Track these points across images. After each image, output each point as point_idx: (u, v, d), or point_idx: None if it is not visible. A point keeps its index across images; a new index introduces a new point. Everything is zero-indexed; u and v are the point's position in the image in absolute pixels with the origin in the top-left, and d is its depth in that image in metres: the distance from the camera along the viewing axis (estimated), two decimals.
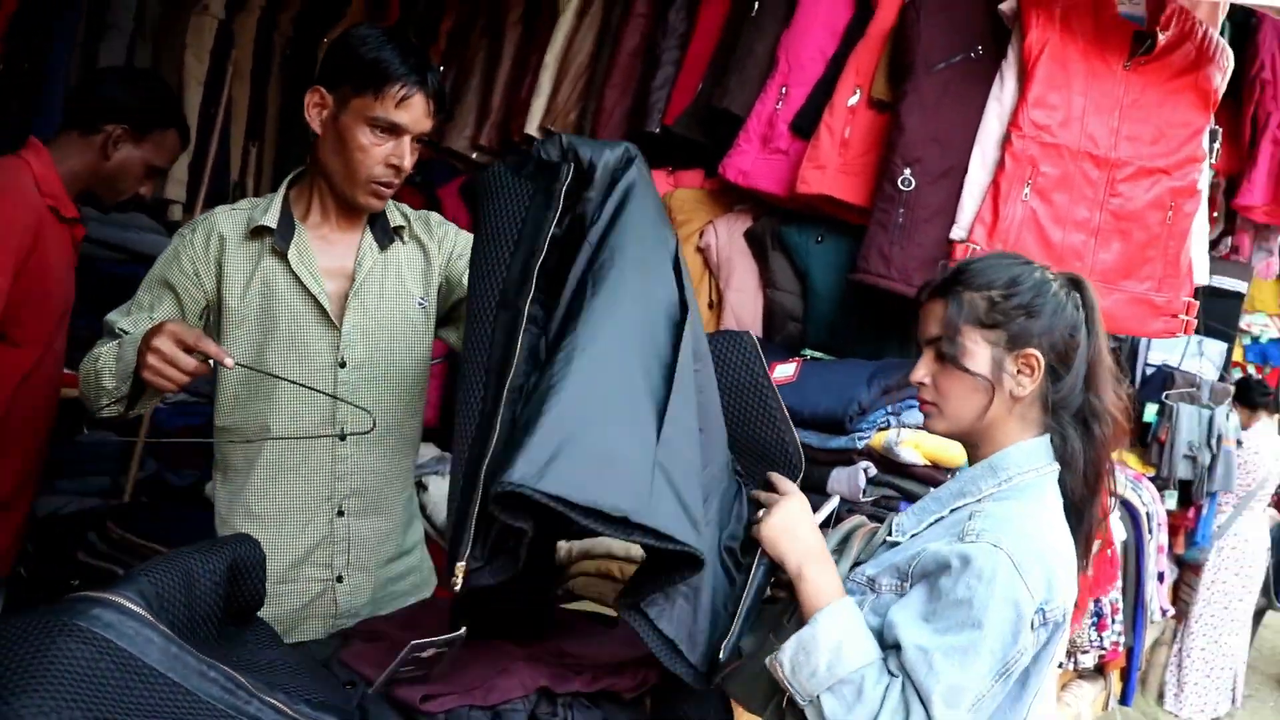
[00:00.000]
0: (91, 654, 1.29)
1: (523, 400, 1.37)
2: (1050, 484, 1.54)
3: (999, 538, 1.42)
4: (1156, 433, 5.07)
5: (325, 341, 2.04)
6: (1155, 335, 2.61)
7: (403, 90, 1.90)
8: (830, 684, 1.43)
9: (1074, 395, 1.53)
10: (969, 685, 1.39)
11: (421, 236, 2.20)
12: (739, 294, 2.97)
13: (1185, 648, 5.89)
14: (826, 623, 1.46)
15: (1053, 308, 1.52)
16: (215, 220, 2.02)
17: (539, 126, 3.46)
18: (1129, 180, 2.50)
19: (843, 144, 2.70)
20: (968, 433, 1.59)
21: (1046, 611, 1.42)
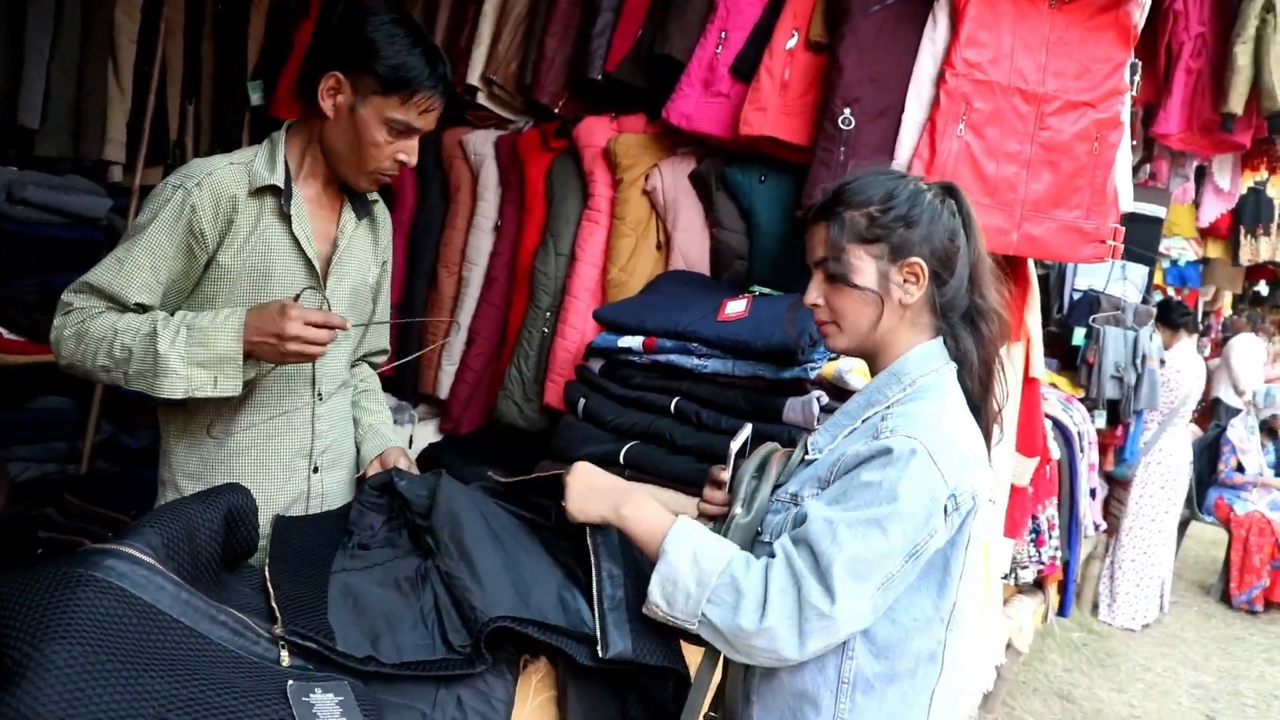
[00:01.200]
0: (109, 602, 1.34)
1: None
2: (950, 381, 1.63)
3: (911, 430, 1.50)
4: (1085, 355, 5.25)
5: (312, 303, 2.07)
6: (1085, 260, 2.73)
7: (429, 100, 1.97)
8: (705, 596, 1.49)
9: (959, 297, 1.62)
10: (875, 560, 1.45)
11: (379, 221, 2.31)
12: (686, 234, 3.04)
13: (1116, 560, 6.17)
14: (673, 546, 1.54)
15: (930, 215, 1.60)
16: (220, 176, 1.98)
17: (480, 76, 3.49)
18: (1056, 114, 2.61)
19: (783, 86, 2.78)
20: (866, 345, 1.67)
21: (958, 496, 1.51)
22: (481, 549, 1.74)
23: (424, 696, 1.56)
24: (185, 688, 1.32)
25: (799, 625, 1.45)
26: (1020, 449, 2.94)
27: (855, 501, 1.48)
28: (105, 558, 1.41)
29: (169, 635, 1.40)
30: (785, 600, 1.45)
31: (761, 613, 1.45)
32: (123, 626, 1.34)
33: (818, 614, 1.44)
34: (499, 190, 3.49)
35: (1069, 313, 5.44)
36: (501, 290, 3.43)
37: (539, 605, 1.67)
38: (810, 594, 1.44)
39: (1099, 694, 5.07)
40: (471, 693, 1.61)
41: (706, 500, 1.84)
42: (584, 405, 2.81)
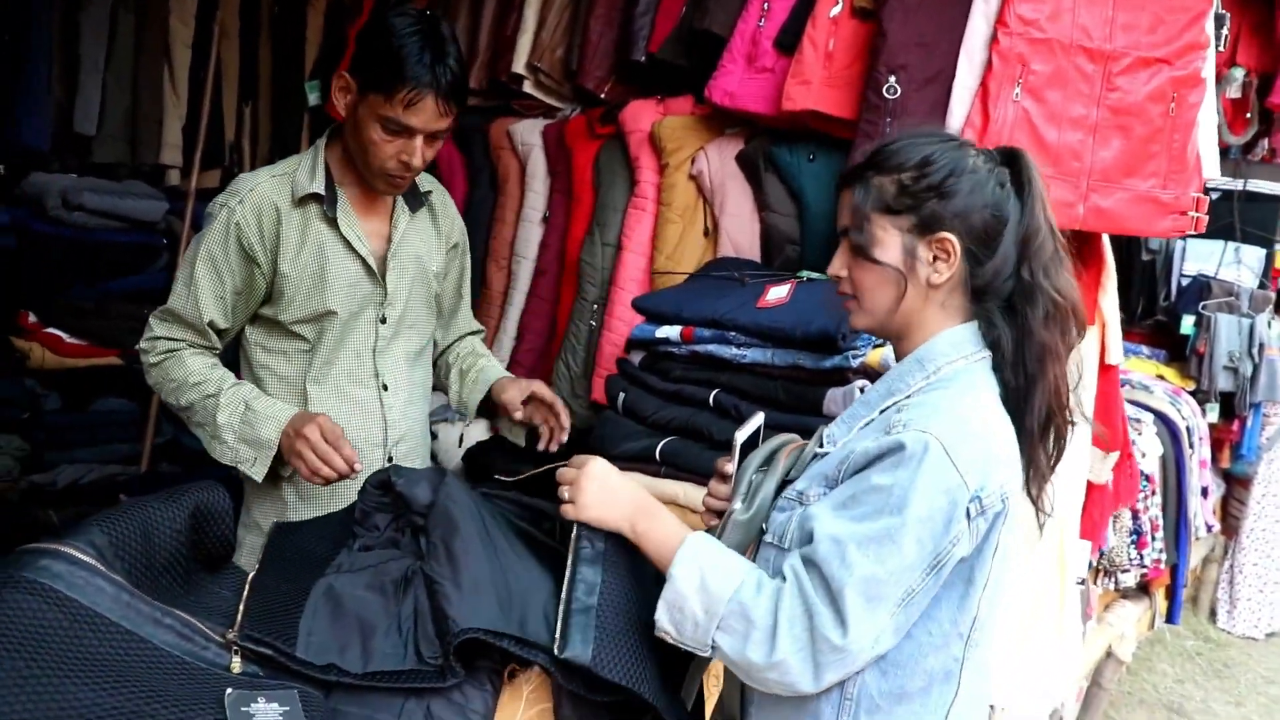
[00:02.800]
0: (38, 605, 1.29)
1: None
2: (982, 371, 1.45)
3: (927, 424, 1.34)
4: (1195, 345, 4.95)
5: (372, 300, 2.18)
6: (1164, 234, 2.50)
7: (412, 94, 1.91)
8: (715, 624, 1.35)
9: (1002, 279, 1.44)
10: (891, 578, 1.30)
11: (438, 209, 2.33)
12: (734, 219, 2.90)
13: (1237, 563, 5.78)
14: (681, 568, 1.39)
15: (969, 186, 1.42)
16: (262, 190, 2.08)
17: (526, 64, 3.40)
18: (1127, 72, 2.38)
19: (827, 56, 2.61)
20: (888, 325, 1.51)
21: (983, 499, 1.34)
22: (470, 555, 1.63)
23: (388, 707, 1.46)
24: (112, 696, 1.25)
25: (812, 658, 1.31)
26: (1097, 443, 2.71)
27: (863, 510, 1.32)
28: (40, 558, 1.35)
29: (103, 639, 1.33)
30: (796, 631, 1.31)
31: (771, 645, 1.31)
32: (50, 631, 1.28)
33: (830, 646, 1.30)
34: (547, 180, 3.40)
35: (1177, 299, 5.12)
36: (551, 283, 3.34)
37: (522, 617, 1.54)
38: (822, 624, 1.30)
39: (1214, 707, 4.73)
40: (444, 704, 1.50)
41: (711, 494, 1.71)
42: (624, 400, 2.68)
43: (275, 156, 4.26)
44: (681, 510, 2.39)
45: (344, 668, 1.47)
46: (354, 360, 2.18)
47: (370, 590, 1.64)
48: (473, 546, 1.63)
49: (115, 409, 3.73)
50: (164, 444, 3.85)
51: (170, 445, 3.86)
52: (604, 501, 1.52)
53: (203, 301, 2.07)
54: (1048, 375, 1.45)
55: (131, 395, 3.78)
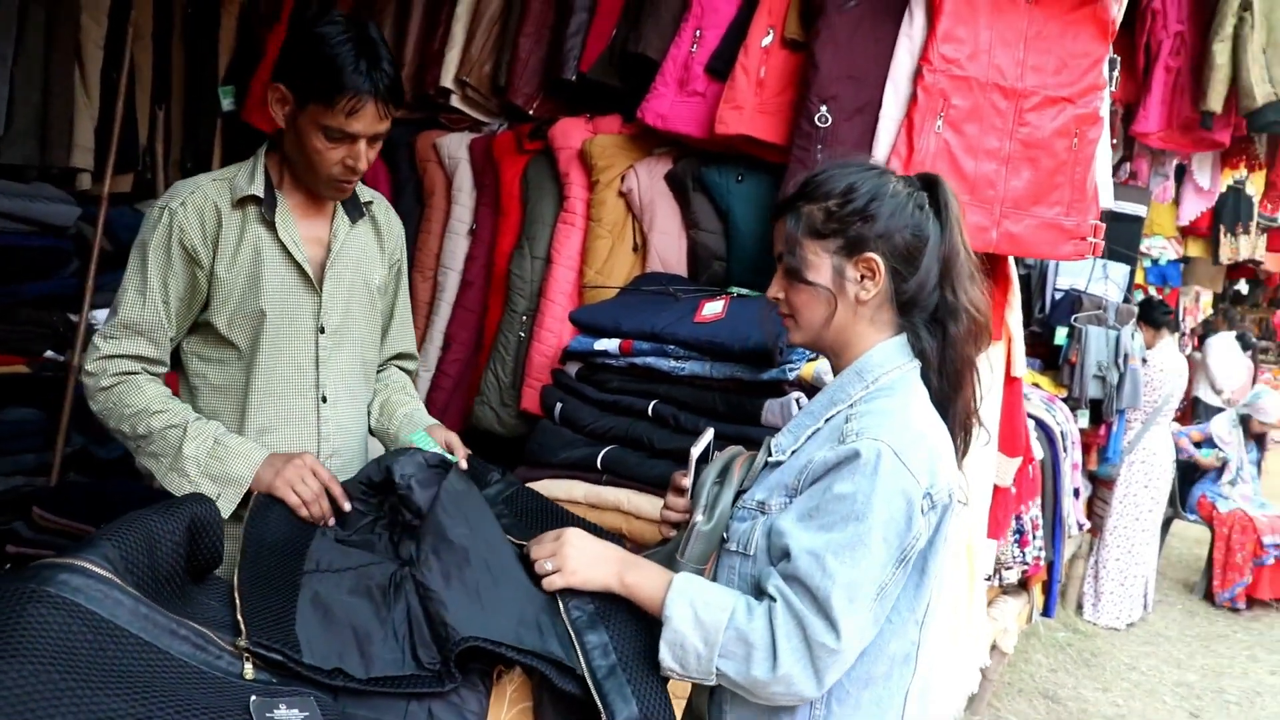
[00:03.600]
0: (63, 618, 1.30)
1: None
2: (914, 378, 1.59)
3: (878, 431, 1.46)
4: (1067, 354, 5.24)
5: (308, 308, 2.14)
6: (1066, 258, 2.70)
7: (352, 101, 1.93)
8: (715, 653, 1.45)
9: (925, 294, 1.57)
10: (867, 578, 1.42)
11: (380, 221, 2.32)
12: (663, 236, 3.00)
13: (1100, 559, 6.16)
14: (674, 607, 1.49)
15: (890, 210, 1.55)
16: (204, 192, 2.05)
17: (454, 78, 3.44)
18: (1035, 109, 2.58)
19: (759, 84, 2.74)
20: (823, 340, 1.63)
21: (933, 495, 1.47)
22: (462, 565, 1.70)
23: (393, 710, 1.52)
24: (142, 706, 1.27)
25: (812, 665, 1.42)
26: (1002, 449, 2.91)
27: (830, 519, 1.44)
28: (59, 572, 1.36)
29: (126, 651, 1.35)
30: (793, 643, 1.42)
31: (773, 661, 1.42)
32: (77, 643, 1.29)
33: (827, 650, 1.41)
34: (474, 193, 3.44)
35: (1051, 312, 5.43)
36: (477, 295, 3.38)
37: (514, 627, 1.62)
38: (815, 632, 1.41)
39: (1084, 694, 5.05)
40: (443, 705, 1.56)
41: (669, 507, 1.80)
42: (560, 410, 2.77)
43: (188, 161, 4.19)
44: (625, 516, 2.49)
45: (349, 673, 1.52)
46: (294, 370, 2.15)
47: (356, 596, 1.69)
48: (464, 558, 1.70)
49: (22, 419, 3.58)
50: (73, 454, 3.73)
51: (80, 455, 3.74)
52: (589, 564, 1.60)
53: (159, 307, 2.03)
54: (967, 381, 1.62)
55: (40, 404, 3.66)
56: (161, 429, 1.99)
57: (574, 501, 2.58)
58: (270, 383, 2.12)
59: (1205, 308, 11.36)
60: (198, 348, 2.15)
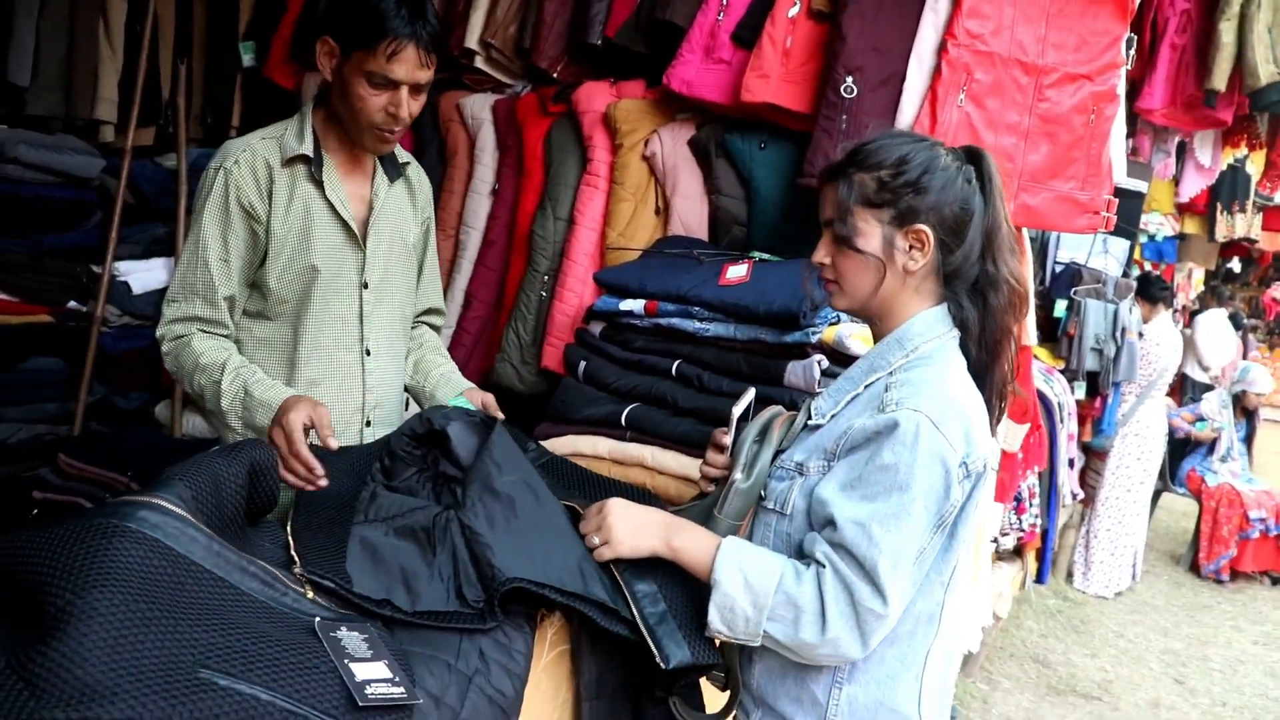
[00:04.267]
0: (144, 552, 1.36)
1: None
2: (953, 348, 1.64)
3: (917, 402, 1.52)
4: (1066, 327, 5.28)
5: (352, 263, 2.23)
6: (1080, 231, 2.78)
7: (393, 45, 1.99)
8: (764, 616, 1.52)
9: (969, 266, 1.62)
10: (910, 544, 1.49)
11: (414, 182, 2.40)
12: (685, 200, 3.06)
13: (1092, 529, 6.27)
14: (723, 571, 1.55)
15: (941, 183, 1.59)
16: (256, 150, 2.12)
17: (478, 40, 3.48)
18: (1055, 86, 2.65)
19: (785, 54, 2.80)
20: (868, 307, 1.68)
21: (969, 464, 1.53)
22: (507, 512, 1.77)
23: (448, 647, 1.59)
24: (221, 636, 1.34)
25: (859, 628, 1.49)
26: (1011, 415, 3.00)
27: (874, 489, 1.50)
28: (139, 509, 1.42)
29: (202, 585, 1.42)
30: (841, 607, 1.48)
31: (822, 624, 1.49)
32: (159, 577, 1.35)
33: (874, 615, 1.48)
34: (496, 154, 3.49)
35: (1051, 285, 5.49)
36: (499, 254, 3.45)
37: (557, 572, 1.69)
38: (863, 597, 1.47)
39: (1073, 659, 5.18)
40: (493, 644, 1.64)
41: (708, 463, 1.86)
42: (584, 368, 2.84)
43: (208, 116, 4.23)
44: (649, 472, 2.57)
45: (396, 605, 1.60)
46: (340, 325, 2.23)
47: (403, 538, 1.76)
48: (510, 503, 1.78)
49: (45, 368, 3.65)
50: (95, 403, 3.79)
51: (102, 405, 3.81)
52: (636, 532, 1.66)
53: (214, 269, 2.10)
54: (1005, 351, 1.68)
55: (63, 354, 3.72)
56: (208, 384, 2.08)
57: (598, 457, 2.65)
58: (318, 337, 2.20)
59: (1197, 284, 11.47)
60: (247, 304, 2.22)
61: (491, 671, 1.61)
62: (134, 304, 3.82)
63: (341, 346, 2.24)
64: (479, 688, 1.57)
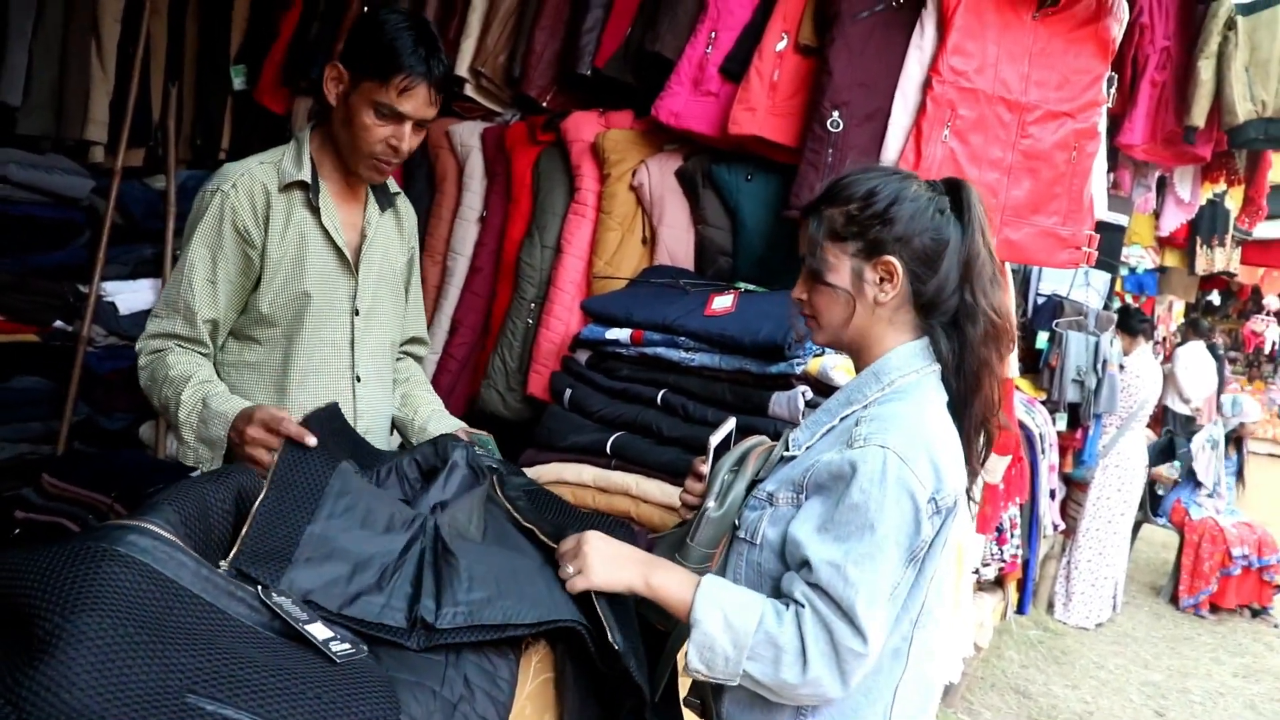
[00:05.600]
0: (134, 577, 1.35)
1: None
2: (932, 383, 1.63)
3: (885, 438, 1.50)
4: (1048, 359, 5.32)
5: (344, 290, 2.24)
6: (1061, 265, 2.82)
7: (406, 81, 2.03)
8: (744, 655, 1.50)
9: (945, 297, 1.61)
10: (884, 582, 1.49)
11: (402, 213, 2.44)
12: (671, 230, 3.09)
13: (1073, 560, 6.29)
14: (703, 611, 1.53)
15: (910, 213, 1.59)
16: (255, 174, 2.14)
17: (469, 68, 3.51)
18: (1038, 123, 2.69)
19: (772, 87, 2.83)
20: (844, 341, 1.68)
21: (938, 500, 1.52)
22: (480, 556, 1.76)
23: (433, 674, 1.59)
24: (208, 660, 1.33)
25: (839, 668, 1.48)
26: (994, 447, 3.01)
27: (846, 529, 1.49)
28: (128, 533, 1.42)
29: (190, 610, 1.41)
30: (821, 647, 1.47)
31: (803, 664, 1.48)
32: (147, 601, 1.35)
33: (854, 654, 1.47)
34: (485, 181, 3.52)
35: (1033, 317, 5.53)
36: (486, 280, 3.46)
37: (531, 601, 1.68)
38: (843, 638, 1.47)
39: (1054, 690, 5.19)
40: (478, 671, 1.64)
41: (687, 491, 1.86)
42: (570, 395, 2.85)
43: (198, 138, 4.24)
44: (634, 500, 2.58)
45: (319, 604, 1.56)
46: (331, 351, 2.24)
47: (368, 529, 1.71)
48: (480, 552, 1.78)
49: (31, 387, 3.64)
50: (79, 423, 3.78)
51: (86, 424, 3.80)
52: (612, 565, 1.61)
53: (198, 290, 2.10)
54: (983, 386, 1.66)
55: (48, 373, 3.72)
56: (172, 395, 2.06)
57: (583, 484, 2.66)
58: (309, 363, 2.21)
59: (1178, 317, 11.55)
60: (236, 327, 2.23)
61: (476, 699, 1.62)
62: (120, 324, 3.82)
63: (332, 373, 2.25)
64: (464, 715, 1.58)
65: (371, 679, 1.49)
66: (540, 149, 3.36)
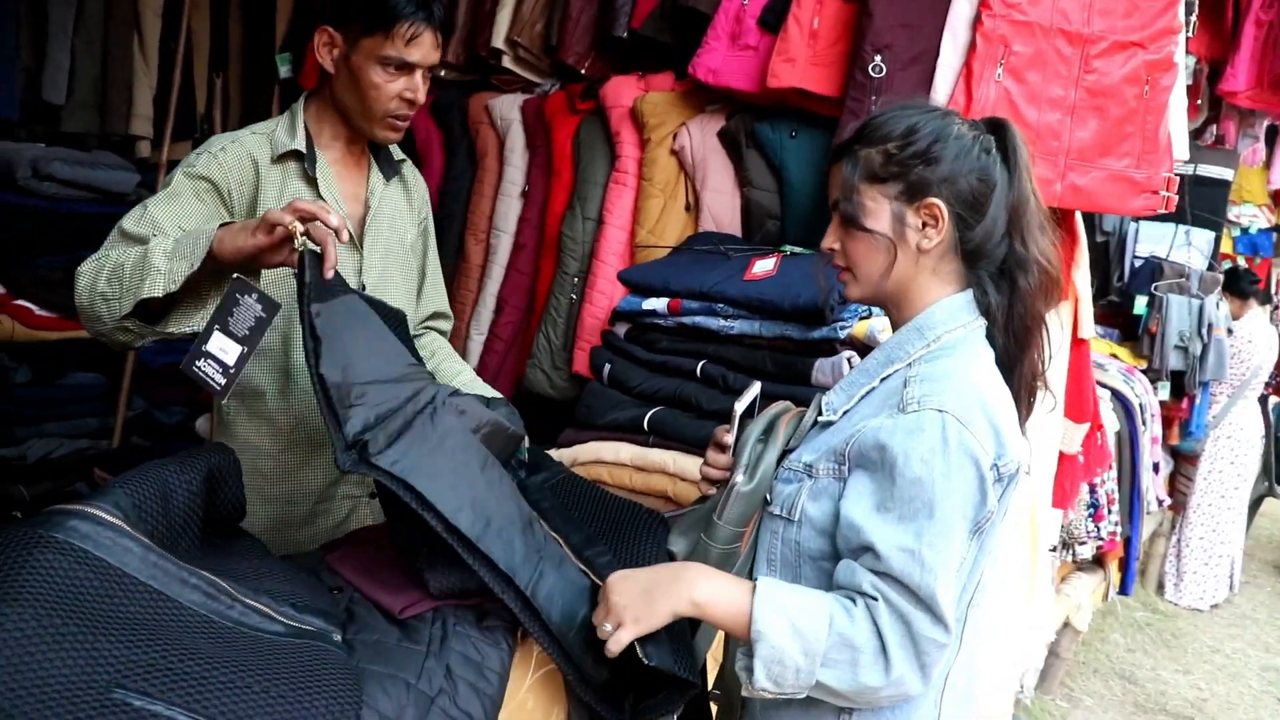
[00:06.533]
0: (68, 564, 1.29)
1: None
2: (979, 338, 1.49)
3: (941, 400, 1.37)
4: (1147, 324, 5.07)
5: (349, 265, 2.10)
6: (1136, 213, 2.58)
7: (411, 29, 1.93)
8: (819, 664, 1.34)
9: (992, 244, 1.47)
10: (954, 560, 1.35)
11: (409, 181, 2.30)
12: (715, 194, 2.93)
13: (1183, 537, 5.95)
14: (767, 621, 1.36)
15: (955, 152, 1.45)
16: (243, 144, 2.03)
17: (505, 39, 3.40)
18: (1103, 55, 2.45)
19: (811, 35, 2.65)
20: (883, 293, 1.54)
21: (1000, 466, 1.39)
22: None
23: (409, 664, 1.49)
24: (145, 652, 1.25)
25: (919, 662, 1.34)
26: (1069, 414, 2.79)
27: (909, 505, 1.34)
28: (68, 518, 1.35)
29: (134, 598, 1.33)
30: (901, 642, 1.33)
31: (885, 664, 1.33)
32: (81, 589, 1.28)
33: (935, 644, 1.33)
34: (526, 155, 3.41)
35: (1130, 280, 5.25)
36: (530, 257, 3.35)
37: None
38: (922, 628, 1.32)
39: (1163, 675, 4.88)
40: (462, 661, 1.53)
41: (709, 464, 1.70)
42: (609, 371, 2.72)
43: None
44: (671, 478, 2.44)
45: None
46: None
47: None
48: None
49: (86, 382, 3.65)
50: (135, 418, 3.79)
51: (142, 419, 3.81)
52: (646, 601, 1.42)
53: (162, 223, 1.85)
54: (1035, 340, 1.52)
55: (102, 369, 3.73)
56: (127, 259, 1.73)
57: (620, 464, 2.54)
58: (298, 344, 2.06)
59: None
60: None
61: (459, 692, 1.50)
62: None
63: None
64: (442, 709, 1.46)
65: (332, 670, 1.40)
66: (580, 118, 3.23)
